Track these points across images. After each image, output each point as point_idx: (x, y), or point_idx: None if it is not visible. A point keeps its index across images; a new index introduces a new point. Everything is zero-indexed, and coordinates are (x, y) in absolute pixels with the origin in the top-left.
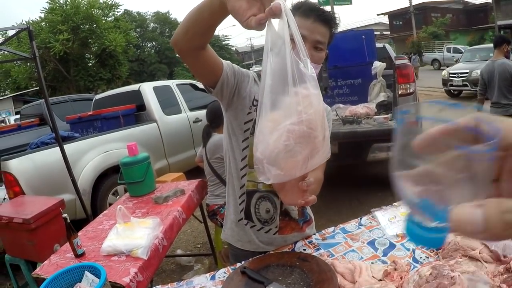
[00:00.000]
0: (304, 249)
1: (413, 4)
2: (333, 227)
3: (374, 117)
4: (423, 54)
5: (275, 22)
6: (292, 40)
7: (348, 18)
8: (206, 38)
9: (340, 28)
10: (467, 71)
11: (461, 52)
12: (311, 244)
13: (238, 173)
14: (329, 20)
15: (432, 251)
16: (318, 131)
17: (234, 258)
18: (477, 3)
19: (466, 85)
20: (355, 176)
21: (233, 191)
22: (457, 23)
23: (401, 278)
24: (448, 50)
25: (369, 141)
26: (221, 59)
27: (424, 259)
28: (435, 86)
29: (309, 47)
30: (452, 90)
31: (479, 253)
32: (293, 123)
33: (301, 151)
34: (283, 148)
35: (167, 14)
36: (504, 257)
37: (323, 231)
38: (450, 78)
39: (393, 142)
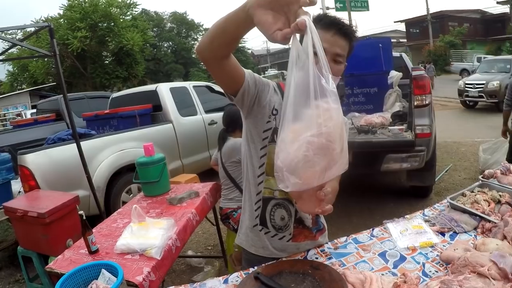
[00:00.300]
0: (316, 258)
1: (430, 12)
2: (346, 237)
3: (390, 127)
4: (452, 63)
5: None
6: (315, 54)
7: (365, 25)
8: (230, 48)
9: (357, 34)
10: (484, 82)
11: None
12: (323, 253)
13: (255, 180)
14: (349, 34)
15: (441, 265)
16: (337, 143)
17: (247, 262)
18: (495, 13)
19: (481, 97)
20: (368, 185)
21: (250, 197)
22: (474, 33)
23: None
24: (479, 60)
25: (383, 152)
26: (243, 68)
27: (433, 273)
28: (450, 96)
29: (329, 60)
30: (467, 101)
31: (488, 270)
32: (313, 135)
33: (319, 162)
34: (303, 158)
35: (184, 15)
36: None
37: (335, 240)
38: (466, 88)
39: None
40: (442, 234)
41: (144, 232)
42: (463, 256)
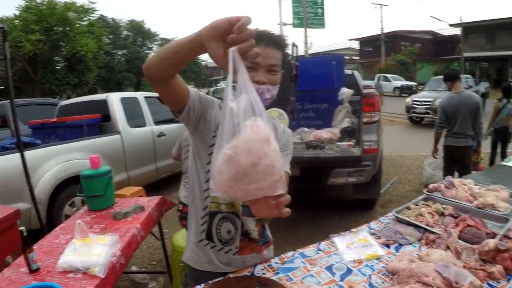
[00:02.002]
0: (264, 273)
1: (384, 32)
2: (292, 251)
3: (338, 143)
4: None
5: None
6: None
7: (320, 41)
8: (178, 69)
9: (311, 51)
10: (431, 99)
11: None
12: (271, 268)
13: (202, 195)
14: (279, 43)
15: (387, 276)
16: (242, 156)
17: (193, 279)
18: (446, 34)
19: (428, 113)
20: (314, 198)
21: (196, 213)
22: (425, 53)
23: None
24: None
25: (330, 166)
26: (188, 86)
27: (380, 285)
28: (398, 112)
29: (264, 71)
30: (414, 117)
31: (432, 279)
32: (227, 148)
33: (226, 171)
34: (216, 167)
35: (141, 23)
36: (456, 283)
37: (282, 255)
38: (414, 105)
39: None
40: (388, 246)
41: (87, 249)
42: (408, 267)
